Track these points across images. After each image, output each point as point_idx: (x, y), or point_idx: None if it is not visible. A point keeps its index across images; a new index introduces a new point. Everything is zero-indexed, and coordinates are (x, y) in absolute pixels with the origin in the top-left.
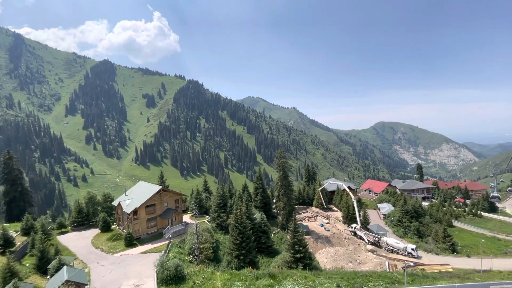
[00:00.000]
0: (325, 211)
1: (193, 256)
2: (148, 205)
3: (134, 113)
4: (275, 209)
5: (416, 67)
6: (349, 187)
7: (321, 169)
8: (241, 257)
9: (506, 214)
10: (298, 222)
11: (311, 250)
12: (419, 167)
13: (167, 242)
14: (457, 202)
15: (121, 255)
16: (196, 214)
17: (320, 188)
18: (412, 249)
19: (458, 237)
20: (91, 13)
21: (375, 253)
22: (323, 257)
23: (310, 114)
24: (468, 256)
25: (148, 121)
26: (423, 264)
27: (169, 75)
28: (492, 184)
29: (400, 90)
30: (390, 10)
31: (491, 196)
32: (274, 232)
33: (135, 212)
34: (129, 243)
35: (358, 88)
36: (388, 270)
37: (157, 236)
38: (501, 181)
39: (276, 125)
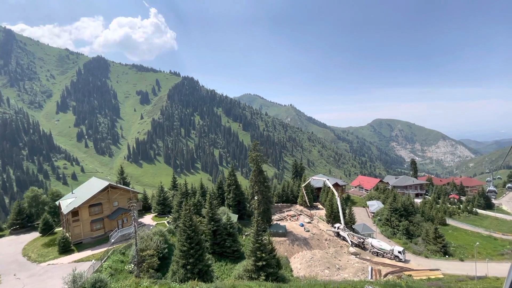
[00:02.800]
0: (309, 210)
1: (135, 265)
2: (93, 204)
3: (127, 110)
4: (250, 207)
5: (414, 65)
6: (336, 184)
7: (317, 166)
8: (189, 266)
9: (503, 211)
10: (275, 222)
11: (286, 253)
12: (413, 162)
13: (114, 247)
14: (451, 199)
15: (49, 264)
16: (134, 217)
17: (304, 185)
18: (399, 252)
19: (451, 237)
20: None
21: (358, 256)
22: (297, 262)
23: (307, 112)
24: (462, 260)
25: (142, 118)
26: (410, 269)
27: (163, 71)
28: (488, 179)
29: (398, 88)
30: (387, 7)
31: (487, 190)
32: (246, 233)
33: (74, 213)
34: (63, 249)
35: (356, 85)
36: (370, 277)
37: (104, 240)
38: (498, 177)
39: (272, 122)
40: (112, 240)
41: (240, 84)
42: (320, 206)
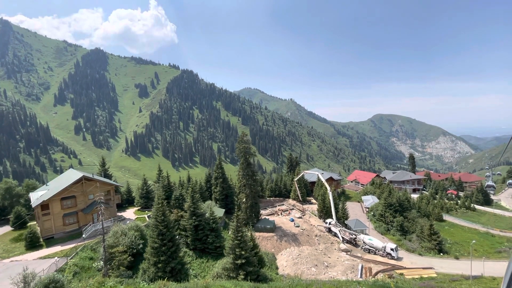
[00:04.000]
0: (302, 204)
1: (106, 263)
2: (66, 197)
3: (126, 103)
4: (238, 201)
5: (416, 60)
6: (330, 178)
7: (317, 160)
8: (160, 264)
9: (501, 207)
10: (264, 217)
11: (273, 250)
12: (411, 157)
13: (85, 243)
14: (449, 195)
15: (12, 261)
16: (101, 210)
17: (296, 178)
18: (392, 249)
19: (448, 233)
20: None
21: (349, 253)
22: (284, 259)
23: (308, 106)
24: (457, 258)
25: (140, 111)
26: (402, 268)
27: (162, 64)
28: (488, 174)
29: (399, 83)
30: (389, 0)
31: (486, 185)
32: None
33: (44, 206)
34: (31, 244)
35: (358, 80)
36: (359, 276)
37: (78, 235)
38: (498, 173)
39: (272, 116)
40: (85, 236)
41: (241, 78)
42: (314, 201)
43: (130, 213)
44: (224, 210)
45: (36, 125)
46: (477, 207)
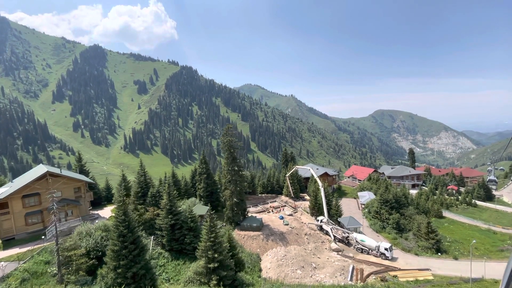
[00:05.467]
0: (295, 201)
1: (65, 267)
2: (28, 194)
3: (125, 99)
4: (223, 198)
5: (417, 55)
6: (325, 173)
7: (317, 156)
8: (120, 269)
9: (504, 203)
10: (251, 214)
11: (258, 250)
12: (411, 152)
13: (44, 244)
14: (449, 190)
15: None
16: (53, 209)
17: (288, 174)
18: (386, 249)
19: (447, 230)
20: None
21: (340, 253)
22: (268, 261)
23: (309, 102)
24: (456, 258)
25: (139, 108)
26: (396, 269)
27: (162, 60)
28: (489, 168)
29: (401, 78)
30: None
31: (487, 179)
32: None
33: (3, 204)
34: None
35: (359, 76)
36: (349, 278)
37: (42, 236)
38: (501, 168)
39: (272, 113)
40: (48, 236)
41: (241, 74)
42: (307, 197)
43: (107, 211)
44: (208, 207)
45: (34, 122)
46: (478, 203)
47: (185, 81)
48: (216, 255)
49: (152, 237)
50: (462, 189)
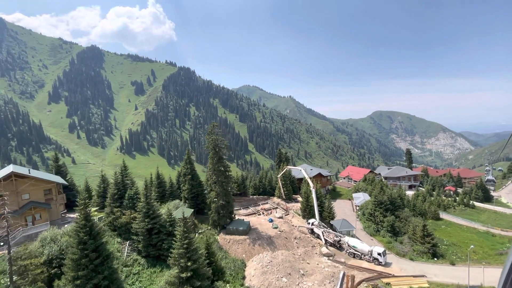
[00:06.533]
0: (287, 203)
1: (20, 277)
2: None
3: (122, 100)
4: (209, 200)
5: (415, 56)
6: (319, 174)
7: (315, 158)
8: (78, 281)
9: (502, 204)
10: (239, 217)
11: (244, 255)
12: (408, 152)
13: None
14: (447, 191)
15: None
16: (4, 214)
17: (280, 175)
18: (379, 254)
19: (444, 233)
20: None
21: (331, 258)
22: (253, 267)
23: (307, 103)
24: (453, 264)
25: (136, 109)
26: (389, 275)
27: (159, 61)
28: (488, 168)
29: (399, 79)
30: None
31: (486, 179)
32: (199, 231)
33: None
34: None
35: (357, 77)
36: (339, 286)
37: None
38: (499, 169)
39: (270, 114)
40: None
41: (240, 75)
42: (300, 199)
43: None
44: (192, 210)
45: (29, 123)
46: (476, 204)
47: (182, 82)
48: (189, 264)
49: (128, 242)
50: (459, 190)
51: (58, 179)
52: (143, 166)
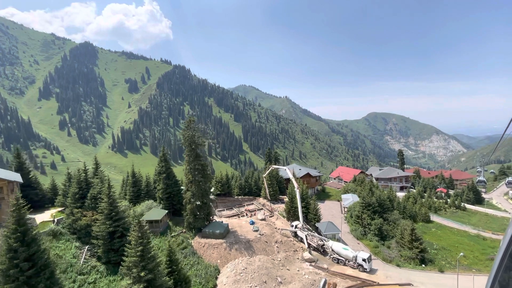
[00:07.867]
0: (273, 203)
1: None
2: None
3: (115, 98)
4: (184, 201)
5: (410, 58)
6: (308, 174)
7: (310, 158)
8: None
9: (493, 207)
10: (220, 219)
11: (219, 261)
12: (400, 153)
13: None
14: (438, 193)
15: None
16: None
17: (265, 174)
18: (364, 260)
19: (434, 236)
20: None
21: (313, 264)
22: (226, 275)
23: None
24: (441, 271)
25: (130, 106)
26: (374, 284)
27: (154, 59)
28: (479, 169)
29: (394, 81)
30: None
31: (477, 180)
32: (173, 234)
33: None
34: None
35: (353, 78)
36: None
37: None
38: (491, 172)
39: (265, 113)
40: None
41: (236, 75)
42: (287, 200)
43: (47, 215)
44: (167, 211)
45: (17, 120)
46: (467, 206)
47: (177, 81)
48: (142, 274)
49: (87, 247)
50: (451, 192)
51: (12, 176)
52: (135, 165)
